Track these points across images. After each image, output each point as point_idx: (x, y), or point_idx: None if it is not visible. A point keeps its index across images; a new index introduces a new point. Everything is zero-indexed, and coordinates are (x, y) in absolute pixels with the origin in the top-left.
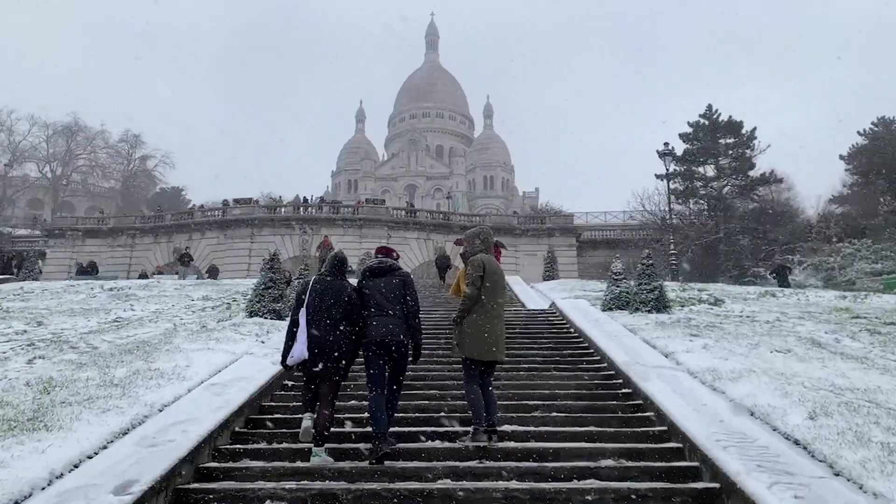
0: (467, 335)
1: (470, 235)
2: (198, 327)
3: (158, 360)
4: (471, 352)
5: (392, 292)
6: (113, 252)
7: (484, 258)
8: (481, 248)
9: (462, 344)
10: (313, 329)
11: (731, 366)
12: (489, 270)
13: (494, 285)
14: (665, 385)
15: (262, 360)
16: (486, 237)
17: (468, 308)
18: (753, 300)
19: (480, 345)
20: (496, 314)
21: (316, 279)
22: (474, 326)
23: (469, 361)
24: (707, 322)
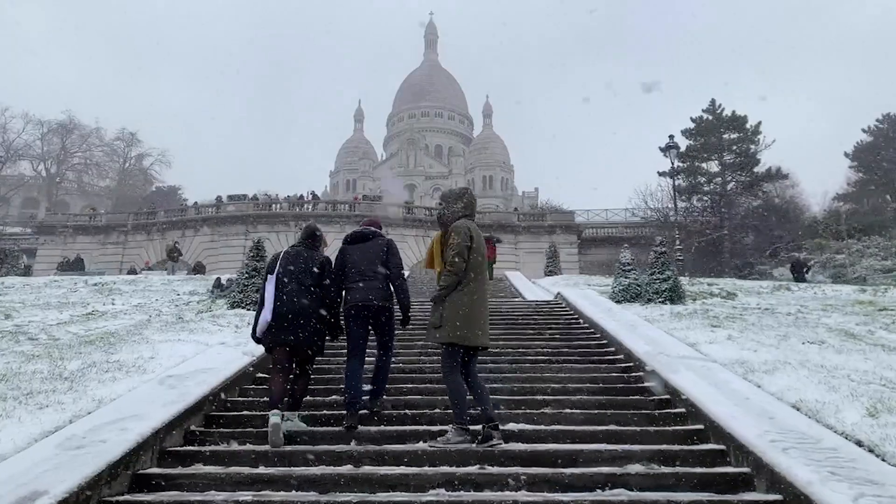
0: (451, 315)
1: (450, 197)
2: (174, 319)
3: (120, 352)
4: (455, 335)
5: (374, 257)
6: (104, 249)
7: (470, 225)
8: (463, 213)
9: (444, 326)
10: (281, 294)
11: (763, 357)
12: (477, 240)
13: (482, 258)
14: (697, 377)
15: (232, 350)
16: (470, 200)
17: (454, 283)
18: (768, 294)
19: (467, 327)
20: (483, 292)
21: (287, 249)
22: (459, 305)
23: (451, 347)
24: (726, 313)
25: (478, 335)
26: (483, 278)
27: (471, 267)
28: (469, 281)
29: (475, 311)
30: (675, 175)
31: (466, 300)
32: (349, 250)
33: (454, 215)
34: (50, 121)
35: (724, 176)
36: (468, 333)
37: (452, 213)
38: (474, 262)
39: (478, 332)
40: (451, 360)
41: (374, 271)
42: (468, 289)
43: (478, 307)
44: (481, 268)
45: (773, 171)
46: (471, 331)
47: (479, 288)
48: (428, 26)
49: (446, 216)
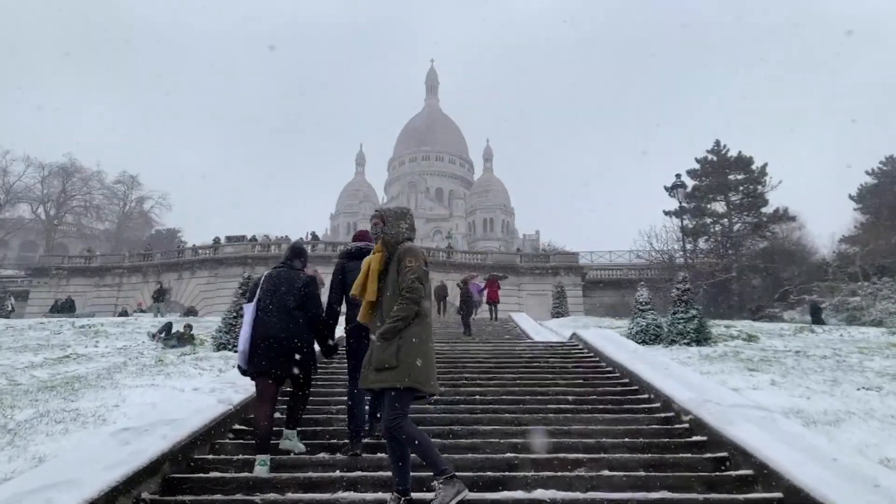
0: (410, 353)
1: (390, 215)
2: (153, 362)
3: (82, 399)
4: (417, 378)
5: None
6: (99, 291)
7: (422, 249)
8: (408, 235)
9: (401, 367)
10: (261, 320)
11: (819, 406)
12: (429, 268)
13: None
14: (760, 430)
15: (206, 397)
16: (412, 223)
17: (412, 314)
18: (791, 336)
19: (425, 370)
20: (432, 329)
21: (268, 272)
22: (420, 341)
23: (405, 393)
24: (759, 356)
25: (431, 381)
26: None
27: (427, 298)
28: (425, 314)
29: (431, 351)
30: (682, 215)
31: (424, 337)
32: (349, 266)
33: (399, 236)
34: (51, 164)
35: (731, 217)
36: (429, 377)
37: (397, 234)
38: (428, 293)
39: (431, 379)
40: (405, 406)
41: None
42: (425, 322)
43: (431, 346)
44: (430, 298)
45: (780, 212)
46: (431, 374)
47: (431, 325)
48: (429, 73)
49: (389, 236)
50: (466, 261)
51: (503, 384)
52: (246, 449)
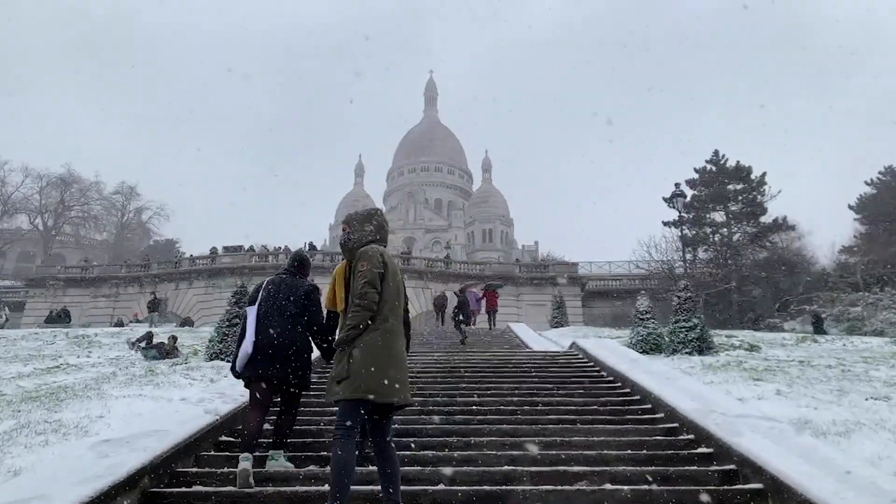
0: (360, 363)
1: (356, 218)
2: (143, 372)
3: (66, 410)
4: (367, 388)
5: None
6: (96, 302)
7: (381, 250)
8: (374, 237)
9: (351, 378)
10: (264, 325)
11: (827, 416)
12: (391, 269)
13: (397, 291)
14: (769, 442)
15: (192, 407)
16: (381, 223)
17: (364, 321)
18: (793, 346)
19: (382, 377)
20: (401, 335)
21: (271, 278)
22: (372, 350)
23: (353, 405)
24: (763, 366)
25: (395, 388)
26: (401, 319)
27: (386, 301)
28: (384, 319)
29: (393, 358)
30: (682, 224)
31: (381, 343)
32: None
33: (363, 240)
34: (49, 174)
35: (730, 226)
36: (384, 386)
37: (361, 238)
38: (390, 295)
39: (395, 386)
40: (349, 420)
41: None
42: (384, 328)
43: (396, 352)
44: (399, 305)
45: (779, 221)
46: (386, 382)
47: (397, 328)
48: (428, 84)
49: (353, 241)
50: (465, 271)
51: (501, 394)
52: (231, 461)
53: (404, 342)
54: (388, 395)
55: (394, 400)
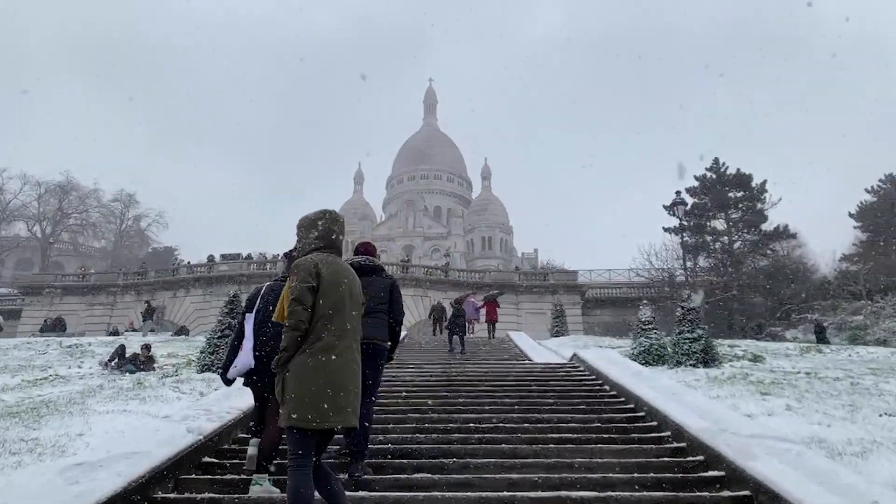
0: (294, 387)
1: (303, 225)
2: (131, 385)
3: (45, 427)
4: (300, 416)
5: (377, 292)
6: (93, 310)
7: (318, 259)
8: (318, 244)
9: (287, 402)
10: (261, 335)
11: (841, 434)
12: (329, 279)
13: (339, 303)
14: (786, 466)
15: (175, 425)
16: (328, 227)
17: (294, 341)
18: (797, 356)
19: (311, 404)
20: (347, 352)
21: (270, 283)
22: (305, 372)
23: (297, 433)
24: (770, 378)
25: (327, 414)
26: (347, 332)
27: (321, 317)
28: (316, 337)
29: (328, 378)
30: (682, 231)
31: (312, 364)
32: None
33: (305, 249)
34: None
35: (731, 234)
36: (316, 411)
37: (304, 247)
38: (327, 309)
39: (327, 410)
40: (298, 449)
41: (378, 309)
42: (315, 347)
43: (332, 372)
44: (341, 318)
45: (780, 229)
46: (320, 407)
47: (336, 345)
48: (427, 92)
49: (297, 251)
50: (465, 279)
51: (500, 410)
52: (214, 485)
53: (351, 356)
54: (322, 420)
55: (325, 426)
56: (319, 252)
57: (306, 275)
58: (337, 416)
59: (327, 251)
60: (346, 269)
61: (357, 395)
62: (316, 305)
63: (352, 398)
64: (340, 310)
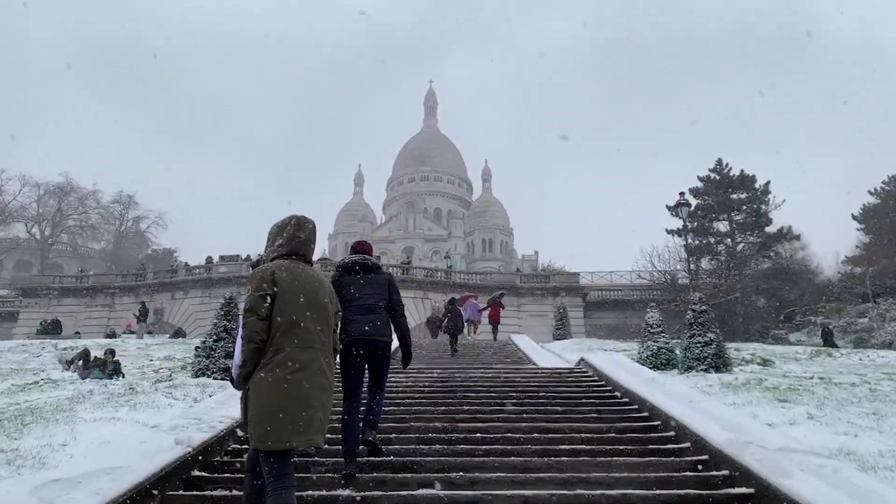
0: (254, 406)
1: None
2: (123, 390)
3: (27, 437)
4: (262, 436)
5: (375, 289)
6: (91, 312)
7: (276, 266)
8: (281, 251)
9: (249, 423)
10: None
11: (871, 446)
12: (287, 287)
13: (300, 312)
14: (824, 484)
15: (164, 436)
16: (294, 233)
17: (251, 356)
18: (807, 360)
19: (275, 421)
20: (308, 364)
21: None
22: (259, 391)
23: (269, 455)
24: (786, 384)
25: (290, 434)
26: (312, 343)
27: (280, 326)
28: (276, 349)
29: (292, 395)
30: (686, 233)
31: (272, 380)
32: (344, 281)
33: (270, 256)
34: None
35: (734, 236)
36: (279, 432)
37: (269, 254)
38: (286, 318)
39: (290, 432)
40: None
41: (377, 305)
42: (277, 360)
43: (297, 388)
44: (304, 328)
45: (784, 231)
46: (283, 425)
47: (298, 357)
48: (428, 94)
49: (263, 259)
50: (466, 281)
51: (508, 419)
52: (202, 503)
53: (318, 368)
54: (282, 441)
55: (285, 446)
56: (283, 259)
57: (260, 282)
58: (298, 435)
59: (291, 258)
60: (311, 276)
61: (325, 411)
62: (275, 315)
63: (316, 414)
64: (303, 319)
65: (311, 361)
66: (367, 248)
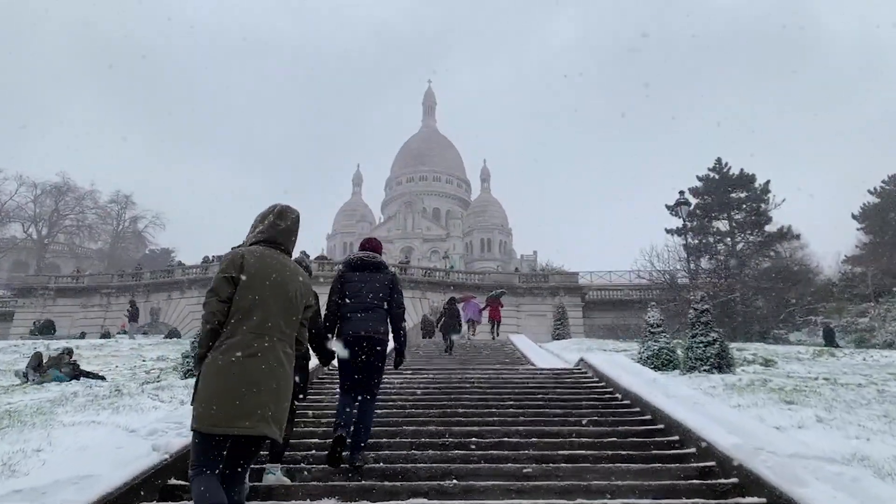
0: (201, 387)
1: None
2: (108, 392)
3: (1, 441)
4: (205, 417)
5: (380, 289)
6: (87, 312)
7: (248, 251)
8: (259, 237)
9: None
10: None
11: (884, 450)
12: (254, 272)
13: (262, 298)
14: (843, 494)
15: (141, 442)
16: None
17: (207, 337)
18: (810, 360)
19: (218, 405)
20: (262, 351)
21: None
22: (207, 373)
23: (202, 439)
24: (791, 385)
25: (232, 419)
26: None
27: (238, 309)
28: (229, 333)
29: (240, 380)
30: (686, 232)
31: (222, 363)
32: (348, 277)
33: (248, 241)
34: (44, 182)
35: (734, 235)
36: (220, 416)
37: (248, 240)
38: (246, 303)
39: (232, 416)
40: (202, 455)
41: (378, 304)
42: (230, 343)
43: (246, 374)
44: (263, 315)
45: (784, 230)
46: (231, 409)
47: (255, 346)
48: (426, 94)
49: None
50: (464, 281)
51: (505, 422)
52: None
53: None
54: (222, 425)
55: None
56: (259, 245)
57: (228, 265)
58: (241, 420)
59: (269, 244)
60: (283, 265)
61: (277, 401)
62: (240, 296)
63: (265, 402)
64: (263, 306)
65: (267, 350)
66: (377, 246)
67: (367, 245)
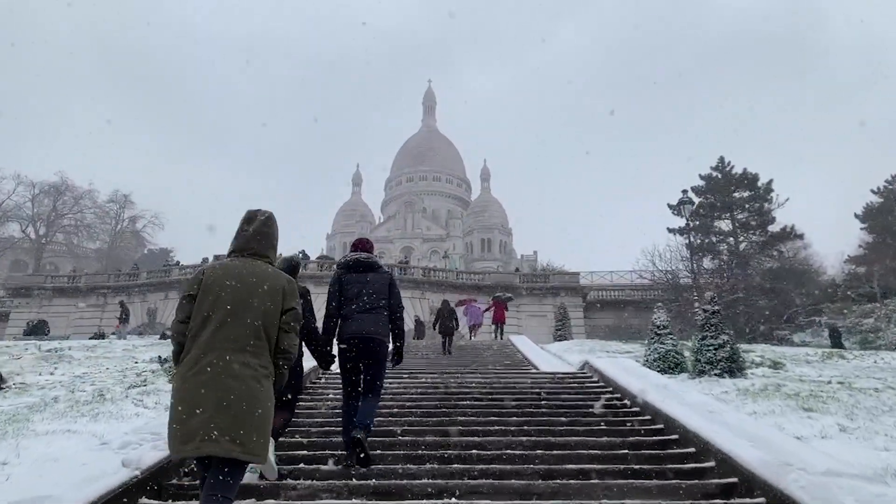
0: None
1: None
2: (92, 396)
3: None
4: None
5: (379, 290)
6: (83, 312)
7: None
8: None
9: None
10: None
11: None
12: (207, 288)
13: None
14: None
15: (111, 456)
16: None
17: (174, 358)
18: (819, 362)
19: (172, 426)
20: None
21: None
22: (172, 393)
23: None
24: (807, 390)
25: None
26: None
27: (191, 328)
28: (187, 352)
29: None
30: (688, 232)
31: (176, 385)
32: (346, 279)
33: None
34: (42, 182)
35: (737, 235)
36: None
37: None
38: (197, 319)
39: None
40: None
41: (377, 305)
42: (184, 362)
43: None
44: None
45: (787, 230)
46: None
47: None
48: (426, 93)
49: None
50: (464, 281)
51: (507, 431)
52: None
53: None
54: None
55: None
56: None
57: (189, 284)
58: (184, 444)
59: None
60: (249, 272)
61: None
62: (199, 313)
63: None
64: (218, 319)
65: (215, 365)
66: (368, 246)
67: (360, 245)
